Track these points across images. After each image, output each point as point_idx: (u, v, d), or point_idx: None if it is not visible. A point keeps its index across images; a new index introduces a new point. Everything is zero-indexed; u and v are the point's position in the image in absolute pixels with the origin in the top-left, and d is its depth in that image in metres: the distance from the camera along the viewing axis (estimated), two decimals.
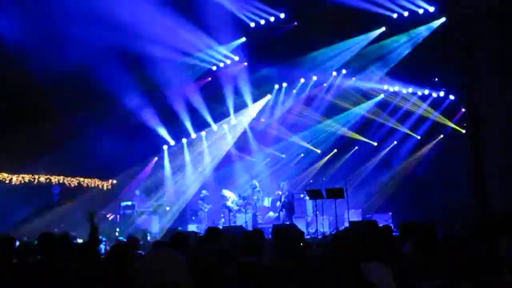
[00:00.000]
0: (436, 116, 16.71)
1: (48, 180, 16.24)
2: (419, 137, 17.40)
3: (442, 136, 16.97)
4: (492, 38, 12.16)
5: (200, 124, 18.41)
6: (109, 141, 15.38)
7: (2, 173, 15.26)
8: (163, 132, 17.80)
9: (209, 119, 18.10)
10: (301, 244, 8.16)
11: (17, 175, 15.54)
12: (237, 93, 17.39)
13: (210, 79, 17.47)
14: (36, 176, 15.95)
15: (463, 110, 15.81)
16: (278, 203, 15.42)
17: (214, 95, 17.51)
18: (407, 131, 17.49)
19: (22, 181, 15.65)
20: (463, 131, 15.87)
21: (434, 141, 17.19)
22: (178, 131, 18.25)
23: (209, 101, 17.56)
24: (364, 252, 4.36)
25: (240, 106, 18.03)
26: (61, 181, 16.53)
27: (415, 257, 4.86)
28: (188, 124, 18.02)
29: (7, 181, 15.33)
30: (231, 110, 18.12)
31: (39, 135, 14.50)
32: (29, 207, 14.79)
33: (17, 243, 6.80)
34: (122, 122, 16.16)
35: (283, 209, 15.03)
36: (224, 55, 16.56)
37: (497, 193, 12.27)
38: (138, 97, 15.91)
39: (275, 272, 5.04)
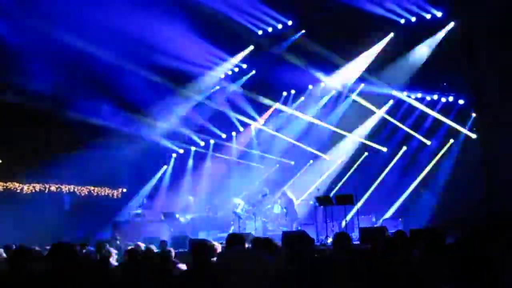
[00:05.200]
0: (446, 121, 16.57)
1: (59, 189, 16.36)
2: (429, 143, 17.29)
3: (452, 141, 16.84)
4: (496, 43, 12.15)
5: (209, 132, 18.61)
6: (119, 150, 15.53)
7: (13, 183, 15.40)
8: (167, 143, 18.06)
9: (215, 129, 18.33)
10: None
11: (28, 185, 15.67)
12: (245, 101, 17.49)
13: (218, 87, 17.60)
14: (47, 185, 16.07)
15: (473, 115, 15.70)
16: (284, 210, 15.51)
17: (222, 104, 17.65)
18: (418, 136, 17.33)
19: (33, 190, 15.79)
20: (474, 136, 15.76)
21: (445, 147, 17.05)
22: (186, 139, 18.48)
23: (217, 109, 17.72)
24: None
25: (248, 113, 18.11)
26: (71, 190, 16.66)
27: (424, 261, 4.85)
28: (194, 135, 18.28)
29: (18, 190, 15.46)
30: (235, 121, 18.27)
31: (50, 144, 14.64)
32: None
33: None
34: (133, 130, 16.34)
35: (286, 216, 15.15)
36: (232, 63, 16.67)
37: (504, 197, 12.20)
38: (149, 104, 16.08)
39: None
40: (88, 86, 14.06)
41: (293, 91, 18.05)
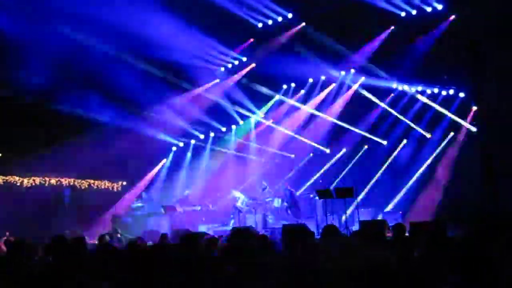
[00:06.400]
0: (446, 114, 16.54)
1: (58, 183, 16.37)
2: (429, 136, 17.26)
3: (452, 134, 16.81)
4: (496, 38, 12.10)
5: (208, 126, 18.63)
6: (119, 143, 15.52)
7: (13, 176, 15.40)
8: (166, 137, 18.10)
9: (214, 123, 18.34)
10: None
11: (28, 178, 15.67)
12: (245, 94, 17.48)
13: (218, 80, 17.57)
14: (47, 179, 16.08)
15: (475, 108, 15.68)
16: (284, 203, 15.52)
17: (221, 97, 17.63)
18: (418, 129, 17.29)
19: (33, 184, 15.79)
20: (474, 129, 15.74)
21: (445, 140, 17.01)
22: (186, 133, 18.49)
23: (217, 103, 17.70)
24: None
25: (248, 106, 18.11)
26: (71, 183, 16.67)
27: (424, 259, 4.82)
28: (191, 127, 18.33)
29: (18, 184, 15.47)
30: (234, 114, 18.27)
31: (49, 138, 14.62)
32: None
33: None
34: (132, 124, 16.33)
35: (289, 210, 15.14)
36: (232, 56, 16.62)
37: (506, 192, 12.18)
38: (148, 97, 16.05)
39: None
40: (87, 80, 14.02)
41: (293, 84, 18.02)
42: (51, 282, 5.09)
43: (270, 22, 15.14)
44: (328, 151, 19.03)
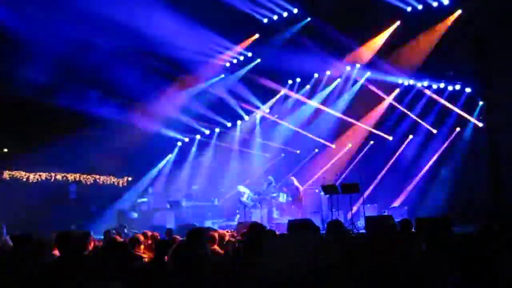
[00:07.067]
0: (453, 109, 16.43)
1: (64, 178, 16.43)
2: (435, 131, 17.16)
3: (458, 129, 16.69)
4: (505, 31, 12.03)
5: (213, 121, 18.62)
6: (125, 139, 15.56)
7: (19, 171, 15.47)
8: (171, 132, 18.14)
9: (219, 118, 18.33)
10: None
11: (34, 173, 15.74)
12: (250, 89, 17.46)
13: (223, 75, 17.55)
14: (53, 174, 16.14)
15: (481, 103, 15.57)
16: (289, 199, 15.52)
17: (227, 92, 17.63)
18: (424, 124, 17.18)
19: (39, 179, 15.86)
20: (480, 125, 15.63)
21: (452, 136, 16.89)
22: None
23: (222, 98, 17.69)
24: None
25: (253, 102, 18.09)
26: (77, 179, 16.73)
27: (429, 253, 4.80)
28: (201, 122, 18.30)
29: (24, 179, 15.53)
30: (239, 110, 18.24)
31: (55, 134, 14.67)
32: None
33: None
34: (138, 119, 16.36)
35: (293, 205, 15.18)
36: (237, 51, 16.60)
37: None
38: (152, 92, 16.07)
39: None
40: (92, 76, 14.06)
41: (298, 79, 17.98)
42: (55, 280, 5.09)
43: (275, 17, 15.10)
44: (333, 146, 18.96)
